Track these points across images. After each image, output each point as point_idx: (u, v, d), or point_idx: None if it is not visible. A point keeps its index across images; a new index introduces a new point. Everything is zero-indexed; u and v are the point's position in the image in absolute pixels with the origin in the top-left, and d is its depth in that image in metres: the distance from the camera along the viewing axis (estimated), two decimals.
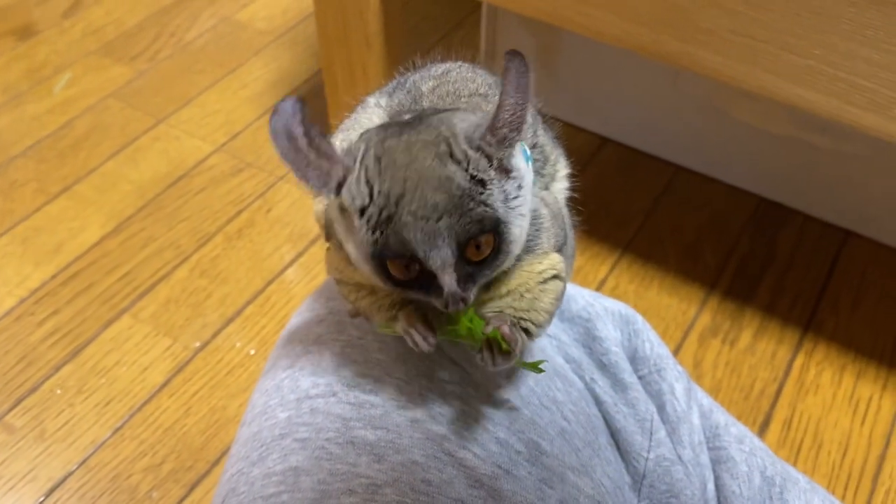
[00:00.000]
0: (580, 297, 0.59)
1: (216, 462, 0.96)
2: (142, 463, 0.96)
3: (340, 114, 0.52)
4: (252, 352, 1.07)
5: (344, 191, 0.39)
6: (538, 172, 0.48)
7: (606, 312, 0.59)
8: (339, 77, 1.18)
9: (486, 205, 0.38)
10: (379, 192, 0.38)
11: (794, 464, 0.96)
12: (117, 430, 0.99)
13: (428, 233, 0.38)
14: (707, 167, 1.31)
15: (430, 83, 0.47)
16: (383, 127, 0.42)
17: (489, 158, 0.38)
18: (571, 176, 0.52)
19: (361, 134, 0.42)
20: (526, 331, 0.44)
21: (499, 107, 0.38)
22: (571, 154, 0.54)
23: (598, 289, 1.15)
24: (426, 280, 0.39)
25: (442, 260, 0.38)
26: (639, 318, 0.60)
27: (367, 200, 0.38)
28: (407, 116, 0.43)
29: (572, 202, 0.52)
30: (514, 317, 0.44)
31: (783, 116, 1.18)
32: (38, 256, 1.18)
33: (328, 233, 0.47)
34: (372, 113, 0.49)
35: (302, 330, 0.56)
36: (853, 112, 0.74)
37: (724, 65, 0.79)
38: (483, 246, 0.39)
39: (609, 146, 1.36)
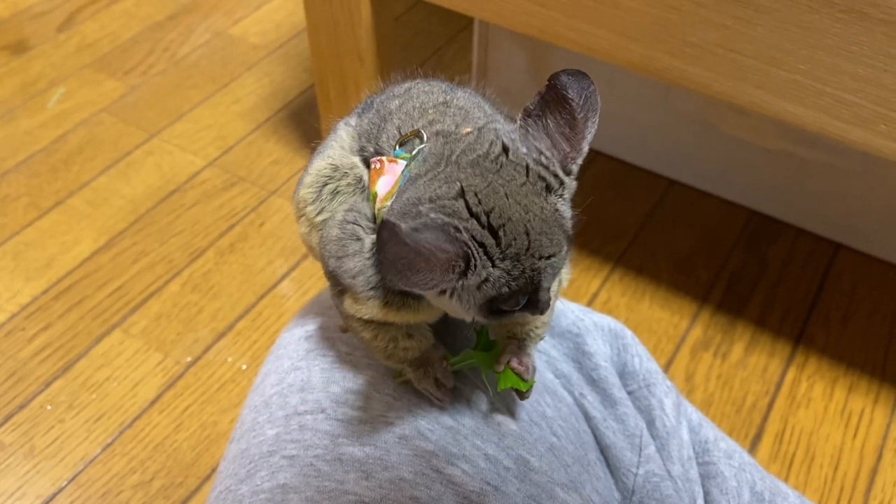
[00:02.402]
0: (569, 311, 0.59)
1: (207, 478, 0.95)
2: (132, 479, 0.95)
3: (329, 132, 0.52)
4: (244, 367, 1.07)
5: (469, 276, 0.38)
6: None
7: (596, 327, 0.59)
8: (331, 92, 1.18)
9: (568, 219, 0.41)
10: (503, 257, 0.38)
11: (787, 477, 0.96)
12: (107, 446, 0.98)
13: (555, 267, 0.40)
14: (699, 181, 1.31)
15: (396, 101, 0.48)
16: (434, 174, 0.40)
17: (575, 178, 0.40)
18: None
19: (413, 197, 0.40)
20: (537, 337, 0.49)
21: (583, 129, 0.40)
22: None
23: (591, 302, 1.15)
24: (526, 302, 0.41)
25: (552, 281, 0.41)
26: (628, 333, 0.60)
27: (490, 269, 0.38)
28: (456, 155, 0.40)
29: None
30: (524, 331, 0.48)
31: (773, 131, 1.19)
32: (30, 271, 1.18)
33: (338, 281, 0.46)
34: (342, 132, 0.49)
35: (291, 346, 0.56)
36: (840, 126, 0.74)
37: (713, 80, 0.80)
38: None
39: (601, 160, 1.36)
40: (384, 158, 0.44)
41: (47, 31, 1.63)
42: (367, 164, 0.46)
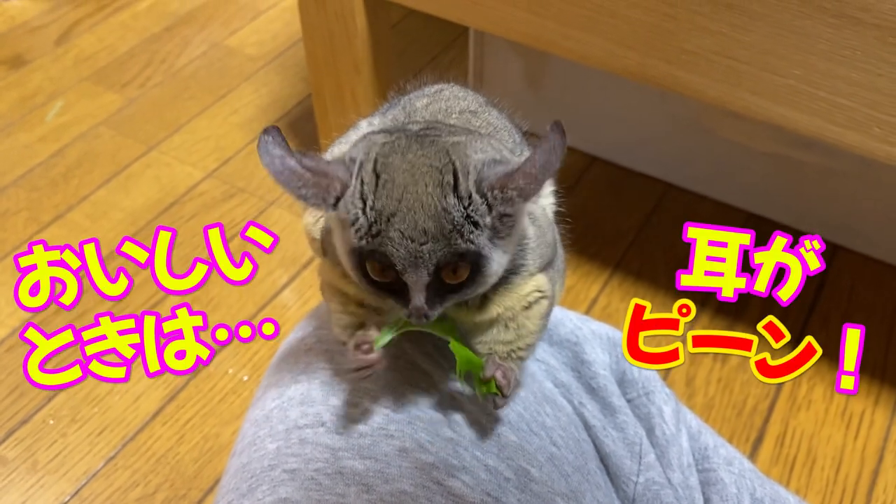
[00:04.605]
0: (568, 320, 0.59)
1: (209, 490, 0.95)
2: (135, 492, 0.95)
3: (330, 138, 0.53)
4: (245, 378, 1.07)
5: (341, 206, 0.39)
6: None
7: (594, 336, 0.59)
8: (328, 102, 1.19)
9: (473, 242, 0.39)
10: (371, 207, 0.39)
11: (788, 480, 0.96)
12: (110, 459, 0.98)
13: (411, 252, 0.39)
14: (696, 184, 1.31)
15: (424, 100, 0.48)
16: (388, 133, 0.41)
17: (490, 208, 0.39)
18: (558, 194, 0.53)
19: (364, 136, 0.42)
20: (519, 358, 0.47)
21: (520, 168, 0.38)
22: (560, 173, 0.54)
23: (590, 307, 1.15)
24: (398, 286, 0.41)
25: (417, 277, 0.40)
26: None
27: (359, 214, 0.39)
28: (415, 127, 0.43)
29: (562, 221, 0.53)
30: (504, 351, 0.46)
31: (769, 134, 1.19)
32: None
33: (325, 248, 0.48)
34: (364, 130, 0.50)
35: (291, 359, 0.56)
36: (834, 130, 0.75)
37: (708, 86, 0.80)
38: (460, 272, 0.40)
39: (598, 165, 1.37)
40: None
41: (45, 44, 1.64)
42: None
